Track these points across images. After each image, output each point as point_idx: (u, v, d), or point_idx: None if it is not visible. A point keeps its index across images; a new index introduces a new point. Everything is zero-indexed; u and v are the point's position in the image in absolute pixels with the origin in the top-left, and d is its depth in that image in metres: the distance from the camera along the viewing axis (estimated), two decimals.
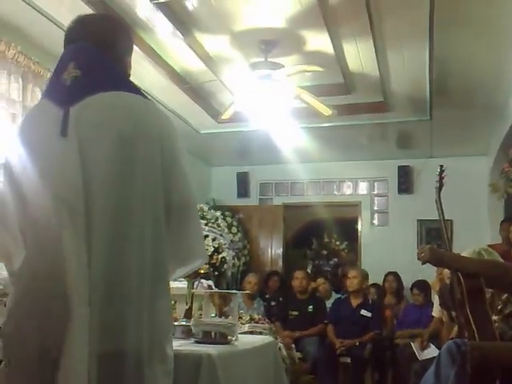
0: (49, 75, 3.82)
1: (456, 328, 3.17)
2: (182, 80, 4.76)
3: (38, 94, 3.85)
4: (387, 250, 6.75)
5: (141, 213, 1.48)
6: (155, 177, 1.51)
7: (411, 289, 5.89)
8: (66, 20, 3.19)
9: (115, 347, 1.41)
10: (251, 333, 3.64)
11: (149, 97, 1.65)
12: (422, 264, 2.66)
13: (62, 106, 1.52)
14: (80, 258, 1.42)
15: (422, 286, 5.65)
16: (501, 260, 2.97)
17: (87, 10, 3.39)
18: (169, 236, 1.53)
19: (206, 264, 5.78)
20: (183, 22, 3.85)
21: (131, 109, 1.54)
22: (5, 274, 2.53)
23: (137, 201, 1.48)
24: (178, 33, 3.92)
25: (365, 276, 5.90)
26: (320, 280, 6.65)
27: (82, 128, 1.49)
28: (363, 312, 5.37)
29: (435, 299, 5.06)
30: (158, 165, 1.51)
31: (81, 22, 1.66)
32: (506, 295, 2.67)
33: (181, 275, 1.73)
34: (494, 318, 2.59)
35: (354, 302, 5.50)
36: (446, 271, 3.69)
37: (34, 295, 1.46)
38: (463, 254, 2.88)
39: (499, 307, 2.66)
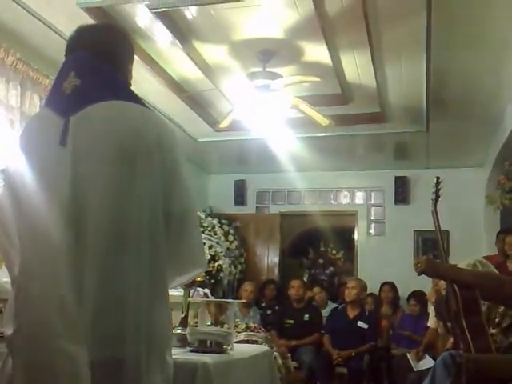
0: (48, 82, 3.84)
1: (451, 339, 3.18)
2: (180, 88, 4.78)
3: (37, 101, 3.86)
4: (383, 259, 6.75)
5: (138, 223, 1.48)
6: (154, 187, 1.51)
7: (408, 299, 5.89)
8: (66, 28, 3.22)
9: (113, 355, 1.41)
10: (247, 341, 3.63)
11: (147, 105, 1.66)
12: (418, 275, 2.66)
13: (62, 116, 1.53)
14: (76, 266, 1.42)
15: (418, 296, 5.66)
16: (496, 272, 2.98)
17: (87, 18, 3.41)
18: (168, 244, 1.53)
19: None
20: (182, 31, 3.87)
21: (131, 119, 1.54)
22: (1, 279, 2.55)
23: (134, 211, 1.48)
24: (177, 42, 3.94)
25: (363, 287, 5.89)
26: (316, 289, 6.65)
27: (81, 138, 1.50)
28: (360, 324, 5.36)
29: (431, 310, 5.07)
30: (158, 175, 1.52)
31: (82, 32, 1.67)
32: (502, 308, 2.67)
33: (180, 283, 1.73)
34: (492, 331, 2.59)
35: (351, 313, 5.49)
36: (442, 282, 3.70)
37: (31, 300, 1.46)
38: (459, 266, 2.89)
39: (497, 320, 2.66)
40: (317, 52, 4.09)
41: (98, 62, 1.60)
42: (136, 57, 4.23)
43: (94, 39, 1.66)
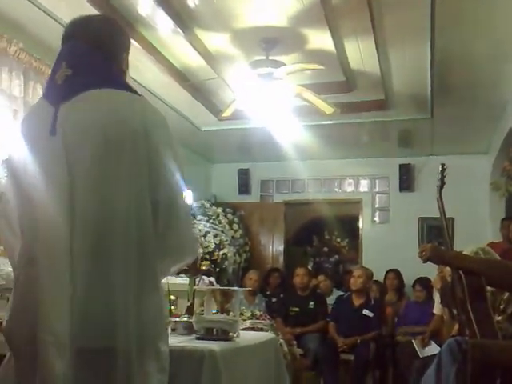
0: (50, 71, 3.83)
1: (457, 326, 3.18)
2: (182, 77, 4.76)
3: (39, 91, 3.85)
4: (388, 247, 6.75)
5: (125, 211, 1.49)
6: (140, 174, 1.51)
7: (413, 285, 5.89)
8: (67, 17, 3.18)
9: (103, 343, 1.42)
10: (252, 329, 3.64)
11: (150, 94, 1.67)
12: (424, 262, 2.66)
13: (53, 105, 1.56)
14: (70, 254, 1.44)
15: (424, 282, 5.66)
16: (498, 258, 2.98)
17: (88, 7, 3.40)
18: (158, 233, 1.53)
19: (207, 260, 5.82)
20: (184, 18, 3.85)
21: (118, 106, 1.55)
22: (6, 269, 2.56)
23: (121, 200, 1.49)
24: (179, 30, 3.92)
25: (369, 275, 5.89)
26: (321, 277, 6.66)
27: (69, 126, 1.53)
28: (365, 312, 5.37)
29: (436, 297, 5.08)
30: (144, 162, 1.52)
31: (76, 22, 1.69)
32: (507, 294, 2.67)
33: (173, 272, 1.73)
34: (498, 318, 2.59)
35: (357, 301, 5.50)
36: (448, 269, 3.70)
37: (28, 285, 1.49)
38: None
39: (502, 307, 2.66)
40: (320, 39, 4.07)
41: (89, 51, 1.62)
42: (138, 46, 4.20)
43: (88, 29, 1.67)
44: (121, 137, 1.50)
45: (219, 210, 6.84)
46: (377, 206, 7.32)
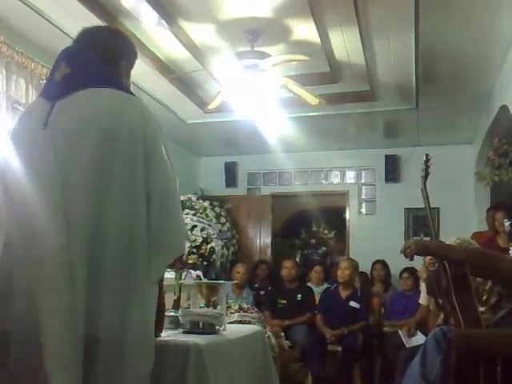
0: (33, 65, 3.79)
1: (442, 315, 3.20)
2: (167, 70, 4.73)
3: (22, 85, 3.81)
4: (375, 238, 6.78)
5: (119, 203, 1.53)
6: (136, 169, 1.56)
7: (400, 274, 5.91)
8: (50, 10, 3.15)
9: (88, 333, 1.48)
10: (240, 322, 3.65)
11: (134, 87, 1.72)
12: (411, 260, 2.65)
13: (49, 101, 1.62)
14: (60, 252, 1.46)
15: (411, 271, 5.68)
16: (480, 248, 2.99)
17: (73, 1, 3.35)
18: (151, 228, 1.56)
19: (194, 254, 5.79)
20: (168, 10, 3.82)
21: (116, 104, 1.60)
22: None
23: (115, 191, 1.53)
24: (164, 22, 3.88)
25: (356, 268, 5.91)
26: (318, 267, 6.59)
27: (61, 121, 1.57)
28: (352, 303, 5.39)
29: (422, 287, 5.11)
30: (140, 158, 1.56)
31: (84, 30, 1.80)
32: (489, 284, 2.68)
33: (161, 269, 1.74)
34: (481, 309, 2.60)
35: (343, 293, 5.52)
36: (427, 258, 3.72)
37: (12, 285, 1.52)
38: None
39: (485, 297, 2.68)
40: (305, 30, 4.06)
41: (91, 54, 1.69)
42: None
43: (93, 36, 1.77)
44: (118, 131, 1.55)
45: (206, 203, 6.82)
46: (363, 197, 7.35)
